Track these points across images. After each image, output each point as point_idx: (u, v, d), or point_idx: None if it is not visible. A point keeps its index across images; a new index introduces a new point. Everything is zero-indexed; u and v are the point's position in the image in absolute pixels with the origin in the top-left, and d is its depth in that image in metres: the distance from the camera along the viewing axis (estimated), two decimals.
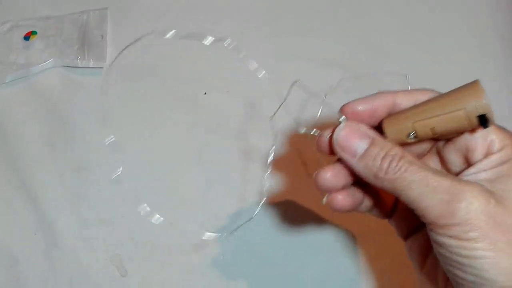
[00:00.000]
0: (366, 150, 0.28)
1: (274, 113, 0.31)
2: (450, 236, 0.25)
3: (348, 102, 0.30)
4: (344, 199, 0.31)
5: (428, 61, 0.52)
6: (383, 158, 0.27)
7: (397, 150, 0.27)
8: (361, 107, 0.29)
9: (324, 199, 0.31)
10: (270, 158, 0.32)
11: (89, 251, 0.44)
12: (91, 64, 0.51)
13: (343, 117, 0.29)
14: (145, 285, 0.43)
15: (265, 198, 0.33)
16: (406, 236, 0.33)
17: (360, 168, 0.28)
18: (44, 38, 0.52)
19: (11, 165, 0.47)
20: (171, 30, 0.52)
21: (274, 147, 0.32)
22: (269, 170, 0.32)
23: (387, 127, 0.29)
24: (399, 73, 0.36)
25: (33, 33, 0.53)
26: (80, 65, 0.51)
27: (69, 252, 0.43)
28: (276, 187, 0.46)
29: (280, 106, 0.30)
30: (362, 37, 0.53)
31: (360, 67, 0.51)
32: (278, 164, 0.47)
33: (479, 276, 0.25)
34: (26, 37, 0.53)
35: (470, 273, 0.25)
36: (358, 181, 0.31)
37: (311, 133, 0.30)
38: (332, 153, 0.30)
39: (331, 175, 0.30)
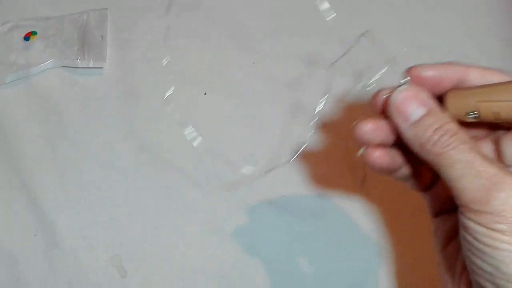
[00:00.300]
0: (421, 118, 0.27)
1: (334, 62, 0.30)
2: (479, 223, 0.25)
3: (416, 65, 0.29)
4: (381, 156, 0.30)
5: (427, 61, 0.52)
6: (436, 130, 0.26)
7: (453, 126, 0.26)
8: (428, 73, 0.28)
9: (361, 151, 0.30)
10: (319, 108, 0.31)
11: (89, 252, 0.43)
12: (91, 65, 0.51)
13: (407, 79, 0.28)
14: (145, 286, 0.43)
15: (305, 145, 0.32)
16: (436, 215, 0.33)
17: (409, 134, 0.27)
18: (44, 39, 0.52)
19: (11, 165, 0.47)
20: (173, 30, 0.53)
21: (326, 96, 0.31)
22: (316, 119, 0.31)
23: (450, 100, 0.28)
24: None
25: (33, 33, 0.53)
26: (80, 66, 0.51)
27: (69, 252, 0.43)
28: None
29: (342, 55, 0.29)
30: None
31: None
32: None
33: (497, 268, 0.24)
34: (26, 38, 0.53)
35: (488, 263, 0.25)
36: (402, 147, 0.30)
37: (368, 88, 0.30)
38: (383, 113, 0.29)
39: (371, 128, 0.29)
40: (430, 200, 0.33)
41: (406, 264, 0.43)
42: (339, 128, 0.43)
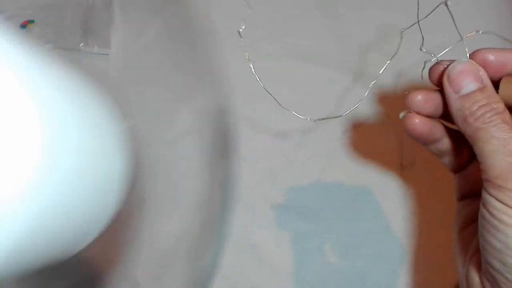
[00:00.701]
0: (472, 92, 0.28)
1: (407, 28, 0.30)
2: (498, 199, 0.26)
3: (482, 49, 0.29)
4: (421, 124, 0.31)
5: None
6: (482, 106, 0.27)
7: (499, 105, 0.27)
8: (492, 57, 0.29)
9: (402, 114, 0.31)
10: (383, 68, 0.32)
11: None
12: (95, 50, 0.49)
13: (467, 55, 0.29)
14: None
15: (357, 105, 0.32)
16: (461, 198, 0.34)
17: (455, 105, 0.28)
18: (42, 26, 0.51)
19: None
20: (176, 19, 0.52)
21: (389, 62, 0.32)
22: (374, 81, 0.31)
23: (504, 84, 0.28)
24: None
25: (30, 21, 0.52)
26: (83, 51, 0.49)
27: None
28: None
29: (414, 23, 0.30)
30: (360, 35, 0.53)
31: (361, 66, 0.51)
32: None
33: (507, 244, 0.26)
34: (23, 26, 0.52)
35: (499, 240, 0.26)
36: (446, 120, 0.31)
37: (432, 59, 0.30)
38: (438, 85, 0.30)
39: (422, 99, 0.30)
40: (460, 182, 0.34)
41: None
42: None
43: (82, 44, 0.50)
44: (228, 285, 0.42)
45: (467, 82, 0.28)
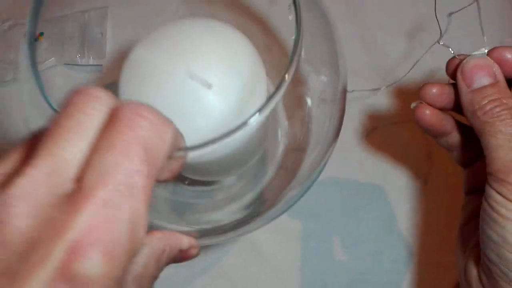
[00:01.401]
0: (483, 87, 0.28)
1: (456, 11, 0.29)
2: (499, 192, 0.26)
3: (499, 46, 0.29)
4: (431, 115, 0.31)
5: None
6: (492, 100, 0.27)
7: (509, 101, 0.27)
8: (509, 56, 0.29)
9: (414, 104, 0.32)
10: (407, 73, 0.33)
11: None
12: (90, 62, 0.51)
13: (485, 51, 0.29)
14: None
15: (380, 89, 0.35)
16: (468, 192, 0.34)
17: (466, 99, 0.28)
18: (48, 38, 0.53)
19: None
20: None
21: (421, 57, 0.32)
22: (409, 72, 0.33)
23: None
24: None
25: (41, 34, 0.54)
26: (80, 63, 0.51)
27: None
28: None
29: (464, 7, 0.29)
30: (360, 35, 0.51)
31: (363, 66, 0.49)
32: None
33: (504, 237, 0.26)
34: (36, 39, 0.54)
35: (497, 232, 0.26)
36: (458, 113, 0.31)
37: (450, 50, 0.31)
38: (451, 76, 0.31)
39: (436, 92, 0.31)
40: (468, 176, 0.34)
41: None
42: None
43: (79, 55, 0.51)
44: (230, 284, 0.43)
45: (479, 77, 0.28)
